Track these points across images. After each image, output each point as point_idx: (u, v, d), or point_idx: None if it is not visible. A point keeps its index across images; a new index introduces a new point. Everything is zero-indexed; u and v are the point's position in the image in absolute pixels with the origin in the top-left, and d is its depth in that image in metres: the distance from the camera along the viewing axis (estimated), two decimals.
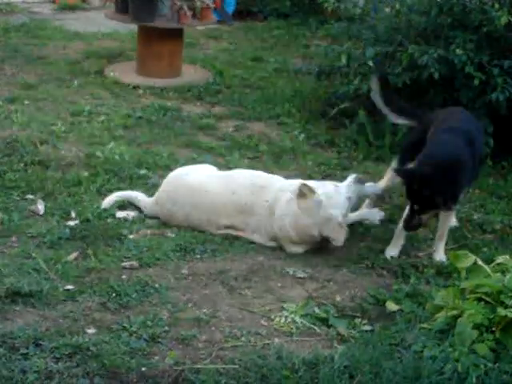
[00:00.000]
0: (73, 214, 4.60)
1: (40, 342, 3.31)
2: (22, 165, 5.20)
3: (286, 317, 3.72)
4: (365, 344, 3.48)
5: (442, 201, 4.26)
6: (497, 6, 5.66)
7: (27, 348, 3.27)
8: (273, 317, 3.73)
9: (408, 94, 6.24)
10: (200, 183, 4.64)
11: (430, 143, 4.45)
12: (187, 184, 4.65)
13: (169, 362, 3.30)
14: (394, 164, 4.80)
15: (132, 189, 4.93)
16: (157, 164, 5.42)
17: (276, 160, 5.80)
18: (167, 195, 4.65)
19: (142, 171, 5.24)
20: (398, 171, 4.56)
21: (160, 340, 3.45)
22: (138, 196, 4.81)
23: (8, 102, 6.46)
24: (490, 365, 3.29)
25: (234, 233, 4.54)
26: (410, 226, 4.40)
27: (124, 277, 3.98)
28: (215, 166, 5.40)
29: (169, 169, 5.16)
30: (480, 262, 3.75)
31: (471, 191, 5.42)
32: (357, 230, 4.70)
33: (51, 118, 6.17)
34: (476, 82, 5.63)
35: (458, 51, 5.67)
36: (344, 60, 6.38)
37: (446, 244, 4.62)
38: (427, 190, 4.21)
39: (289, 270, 4.20)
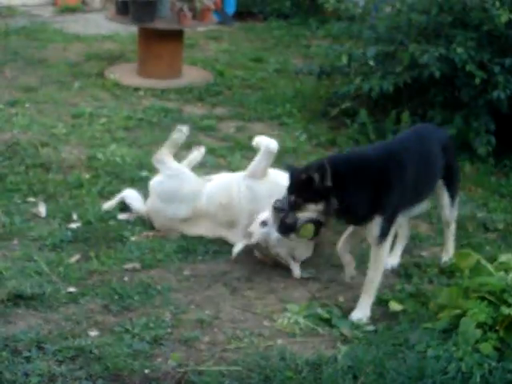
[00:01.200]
0: (74, 217, 4.59)
1: (43, 345, 3.31)
2: (23, 167, 5.20)
3: (289, 318, 3.72)
4: (368, 344, 3.48)
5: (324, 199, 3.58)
6: (497, 4, 5.64)
7: (30, 351, 3.27)
8: (276, 318, 3.72)
9: (409, 93, 6.24)
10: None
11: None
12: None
13: (172, 364, 3.30)
14: None
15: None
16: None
17: (278, 160, 5.77)
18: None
19: (144, 173, 5.22)
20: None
21: (163, 342, 3.45)
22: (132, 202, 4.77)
23: (9, 104, 6.46)
24: (493, 364, 3.29)
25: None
26: (283, 225, 3.86)
27: (126, 279, 3.97)
28: (217, 167, 5.42)
29: None
30: (483, 261, 3.75)
31: (474, 189, 5.42)
32: None
33: (52, 121, 6.17)
34: (477, 80, 5.61)
35: (459, 50, 5.66)
36: (345, 60, 6.37)
37: None
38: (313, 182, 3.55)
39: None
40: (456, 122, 5.80)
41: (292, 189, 3.69)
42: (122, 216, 4.64)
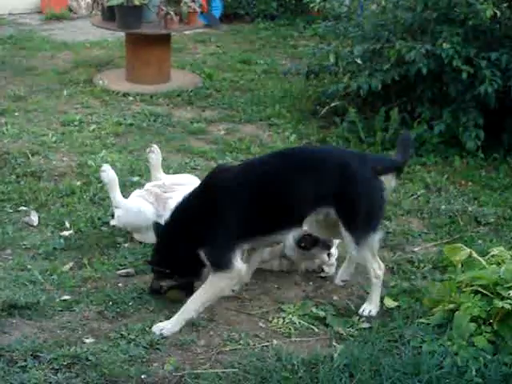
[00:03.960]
0: (67, 224, 4.59)
1: (38, 354, 3.31)
2: (14, 177, 5.19)
3: (284, 318, 3.73)
4: (363, 342, 3.49)
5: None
6: None
7: (25, 360, 3.26)
8: (271, 318, 3.73)
9: (397, 90, 6.26)
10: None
11: None
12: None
13: (168, 369, 3.30)
14: None
15: (125, 196, 4.92)
16: (149, 170, 5.39)
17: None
18: None
19: (135, 178, 5.22)
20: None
21: (159, 346, 3.45)
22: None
23: None
24: (489, 357, 3.31)
25: None
26: (150, 289, 3.87)
27: (120, 285, 3.98)
28: (208, 170, 5.41)
29: None
30: (475, 255, 3.76)
31: (464, 184, 5.44)
32: None
33: (42, 129, 6.16)
34: (464, 75, 5.64)
35: (445, 45, 5.69)
36: (332, 59, 6.40)
37: (441, 238, 4.64)
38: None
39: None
40: (445, 117, 5.83)
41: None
42: (114, 222, 4.63)
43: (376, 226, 3.72)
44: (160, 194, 4.40)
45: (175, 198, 4.11)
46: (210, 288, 3.60)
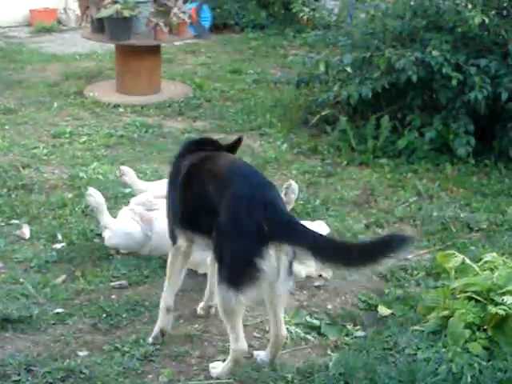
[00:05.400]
0: (59, 237, 4.57)
1: (32, 368, 3.29)
2: (5, 190, 5.17)
3: None
4: (358, 350, 3.48)
5: None
6: (470, 6, 5.72)
7: (19, 374, 3.24)
8: (266, 328, 3.72)
9: (387, 98, 6.28)
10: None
11: None
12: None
13: (163, 380, 3.28)
14: None
15: (117, 208, 4.91)
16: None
17: (260, 171, 5.77)
18: None
19: (127, 190, 5.20)
20: None
21: (153, 358, 3.44)
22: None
23: None
24: (483, 363, 3.30)
25: None
26: None
27: (114, 297, 3.96)
28: None
29: None
30: (468, 261, 3.77)
31: (455, 190, 5.45)
32: (344, 235, 4.70)
33: (33, 142, 6.15)
34: (454, 82, 5.66)
35: (435, 53, 5.72)
36: (322, 68, 6.41)
37: (434, 245, 4.64)
38: None
39: None
40: (435, 125, 5.85)
41: None
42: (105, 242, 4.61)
43: None
44: (144, 214, 4.38)
45: (160, 218, 4.14)
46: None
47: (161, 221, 4.19)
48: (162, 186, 4.56)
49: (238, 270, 3.10)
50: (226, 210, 3.14)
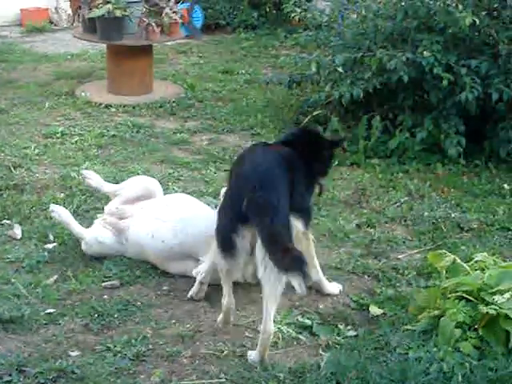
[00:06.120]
0: (51, 237, 4.56)
1: (23, 368, 3.28)
2: None
3: None
4: (350, 350, 3.50)
5: None
6: (460, 7, 5.73)
7: (10, 375, 3.24)
8: (257, 328, 3.72)
9: (379, 99, 6.30)
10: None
11: None
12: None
13: (155, 380, 3.29)
14: None
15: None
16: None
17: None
18: None
19: None
20: None
21: (145, 358, 3.44)
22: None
23: None
24: (474, 362, 3.32)
25: None
26: None
27: (105, 297, 3.96)
28: (192, 181, 5.43)
29: None
30: (459, 261, 3.78)
31: (446, 190, 5.47)
32: (336, 235, 4.71)
33: (24, 142, 6.14)
34: (445, 82, 5.68)
35: (426, 53, 5.74)
36: (314, 68, 6.41)
37: (425, 245, 4.66)
38: None
39: None
40: (426, 125, 5.87)
41: None
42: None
43: None
44: (116, 223, 4.37)
45: (133, 227, 4.26)
46: None
47: (134, 228, 4.25)
48: (129, 189, 4.56)
49: (219, 240, 3.49)
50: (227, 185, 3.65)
